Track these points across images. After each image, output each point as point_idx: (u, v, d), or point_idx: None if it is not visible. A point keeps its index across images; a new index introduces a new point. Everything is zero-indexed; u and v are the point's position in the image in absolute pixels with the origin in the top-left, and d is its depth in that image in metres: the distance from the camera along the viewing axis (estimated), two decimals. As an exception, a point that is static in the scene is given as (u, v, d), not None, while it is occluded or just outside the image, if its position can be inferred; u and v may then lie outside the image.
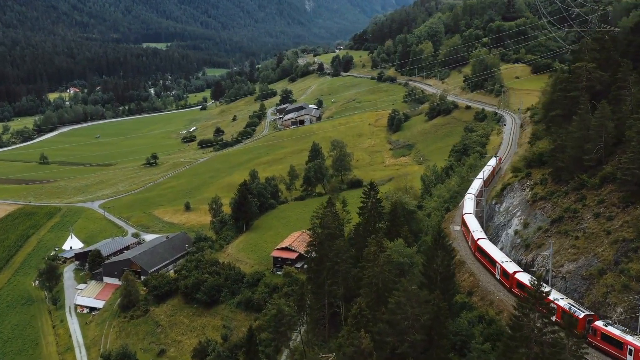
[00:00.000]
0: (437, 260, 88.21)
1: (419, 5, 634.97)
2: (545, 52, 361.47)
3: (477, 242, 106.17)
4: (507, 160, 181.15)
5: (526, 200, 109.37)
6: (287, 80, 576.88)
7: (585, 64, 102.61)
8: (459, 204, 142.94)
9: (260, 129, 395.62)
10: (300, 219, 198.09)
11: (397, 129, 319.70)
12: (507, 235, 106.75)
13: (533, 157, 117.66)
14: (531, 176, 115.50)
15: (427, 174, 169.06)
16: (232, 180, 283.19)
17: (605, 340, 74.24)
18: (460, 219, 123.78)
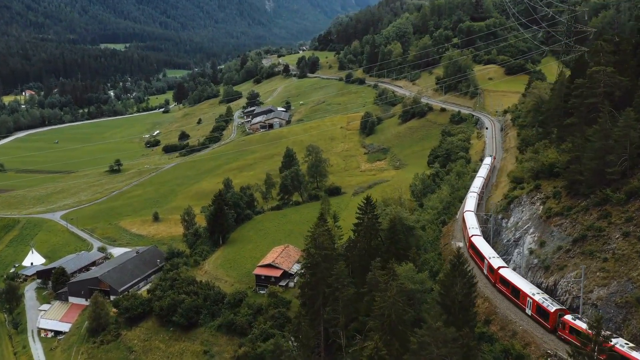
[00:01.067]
0: (455, 289, 79.07)
1: (384, 5, 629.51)
2: (516, 53, 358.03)
3: (470, 239, 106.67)
4: (497, 163, 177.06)
5: (538, 216, 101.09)
6: (252, 82, 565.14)
7: (603, 69, 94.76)
8: (455, 217, 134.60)
9: (227, 133, 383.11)
10: (279, 230, 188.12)
11: (370, 132, 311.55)
12: (521, 254, 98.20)
13: (542, 168, 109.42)
14: (541, 189, 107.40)
15: (416, 182, 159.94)
16: (201, 188, 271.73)
17: (572, 334, 75.79)
18: (461, 216, 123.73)
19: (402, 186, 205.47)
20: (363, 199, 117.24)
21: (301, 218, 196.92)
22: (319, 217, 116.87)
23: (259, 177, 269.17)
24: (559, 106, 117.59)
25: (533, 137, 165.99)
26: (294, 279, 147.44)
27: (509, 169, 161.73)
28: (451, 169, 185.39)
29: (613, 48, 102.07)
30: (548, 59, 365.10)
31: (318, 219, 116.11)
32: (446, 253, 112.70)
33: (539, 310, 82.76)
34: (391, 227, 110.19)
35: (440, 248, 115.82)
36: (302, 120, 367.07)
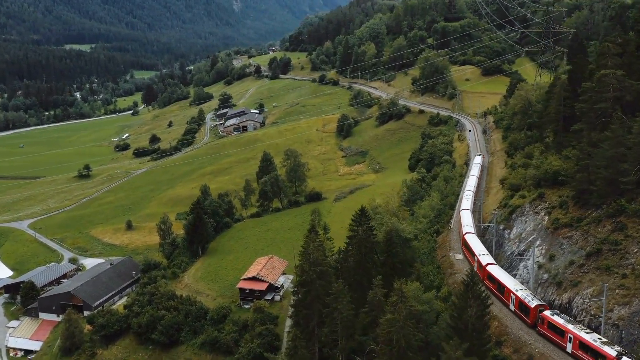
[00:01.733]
0: (469, 311, 73.30)
1: (355, 5, 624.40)
2: (491, 54, 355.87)
3: (464, 237, 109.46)
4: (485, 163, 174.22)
5: (544, 227, 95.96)
6: (223, 83, 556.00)
7: (612, 72, 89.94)
8: (449, 225, 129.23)
9: (200, 136, 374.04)
10: (260, 239, 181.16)
11: (347, 135, 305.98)
12: (527, 268, 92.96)
13: (545, 176, 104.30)
14: (545, 197, 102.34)
15: (404, 190, 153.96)
16: (175, 194, 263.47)
17: (550, 329, 78.07)
18: (457, 214, 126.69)
19: (385, 191, 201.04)
20: (357, 209, 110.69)
21: (282, 225, 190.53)
22: (310, 230, 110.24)
23: (235, 182, 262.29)
24: (558, 110, 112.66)
25: (522, 140, 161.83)
26: (280, 292, 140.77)
27: (499, 173, 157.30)
28: (437, 173, 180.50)
29: (620, 50, 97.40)
30: (522, 59, 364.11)
31: (309, 232, 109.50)
32: (445, 265, 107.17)
33: (521, 306, 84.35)
34: (387, 239, 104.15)
35: (439, 260, 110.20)
36: (277, 123, 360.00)
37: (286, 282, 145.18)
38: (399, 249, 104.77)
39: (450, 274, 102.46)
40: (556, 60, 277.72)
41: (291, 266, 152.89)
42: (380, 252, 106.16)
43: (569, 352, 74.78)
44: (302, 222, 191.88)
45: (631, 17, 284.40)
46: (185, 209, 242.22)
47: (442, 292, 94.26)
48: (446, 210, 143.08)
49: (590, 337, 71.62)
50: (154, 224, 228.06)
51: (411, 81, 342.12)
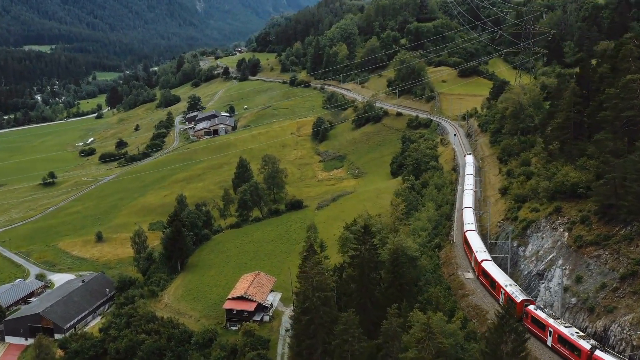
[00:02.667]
0: (504, 348, 65.52)
1: (323, 6, 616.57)
2: (464, 55, 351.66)
3: (465, 234, 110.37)
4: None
5: (566, 245, 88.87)
6: (191, 85, 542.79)
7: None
8: (450, 238, 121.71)
9: (170, 141, 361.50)
10: (242, 251, 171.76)
11: (323, 139, 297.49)
12: (550, 290, 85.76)
13: (562, 188, 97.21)
14: (562, 211, 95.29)
15: (397, 200, 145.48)
16: (147, 202, 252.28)
17: (534, 323, 79.65)
18: (460, 212, 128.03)
19: (368, 197, 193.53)
20: (360, 227, 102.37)
21: (264, 236, 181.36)
22: (308, 249, 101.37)
23: (210, 189, 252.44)
24: (568, 117, 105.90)
25: (516, 146, 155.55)
26: (269, 311, 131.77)
27: (494, 181, 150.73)
28: (426, 180, 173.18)
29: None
30: (496, 60, 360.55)
31: (307, 251, 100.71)
32: (454, 286, 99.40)
33: (509, 301, 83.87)
34: (393, 259, 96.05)
35: (447, 280, 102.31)
36: (249, 126, 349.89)
37: (275, 300, 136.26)
38: (406, 269, 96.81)
39: (462, 296, 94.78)
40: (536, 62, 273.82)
41: (279, 283, 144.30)
42: (385, 273, 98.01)
43: (549, 346, 76.61)
44: (284, 232, 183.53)
45: (605, 18, 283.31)
46: (158, 218, 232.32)
47: (457, 318, 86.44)
48: (443, 221, 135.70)
49: (568, 331, 73.30)
50: (126, 235, 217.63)
51: (386, 83, 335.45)
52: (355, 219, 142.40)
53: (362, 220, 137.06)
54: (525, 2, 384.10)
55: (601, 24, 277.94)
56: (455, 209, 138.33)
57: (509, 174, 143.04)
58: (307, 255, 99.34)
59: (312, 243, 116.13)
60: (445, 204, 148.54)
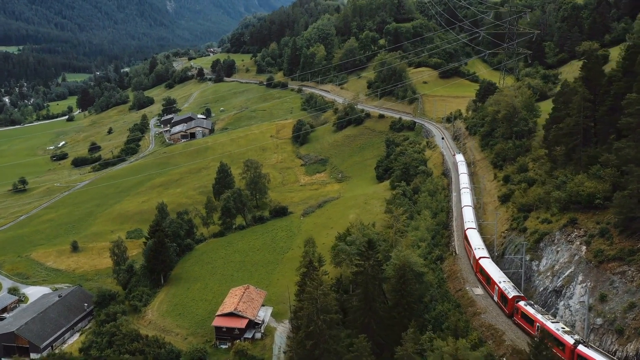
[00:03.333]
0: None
1: (297, 6, 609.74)
2: (443, 55, 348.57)
3: (465, 232, 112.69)
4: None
5: (585, 260, 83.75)
6: (164, 87, 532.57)
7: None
8: (450, 249, 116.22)
9: (145, 144, 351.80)
10: (228, 262, 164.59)
11: (304, 141, 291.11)
12: (571, 309, 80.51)
13: (578, 198, 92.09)
14: (578, 224, 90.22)
15: (399, 210, 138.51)
16: (123, 209, 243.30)
17: (523, 318, 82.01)
18: (459, 210, 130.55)
19: (356, 204, 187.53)
20: (364, 242, 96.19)
21: (249, 246, 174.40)
22: (308, 265, 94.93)
23: (189, 195, 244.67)
24: (578, 123, 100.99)
25: (511, 151, 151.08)
26: (260, 327, 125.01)
27: (489, 187, 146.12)
28: (417, 186, 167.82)
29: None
30: (475, 61, 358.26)
31: (307, 267, 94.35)
32: (464, 303, 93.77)
33: (502, 297, 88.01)
34: (400, 276, 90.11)
35: (454, 296, 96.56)
36: (227, 129, 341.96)
37: (266, 316, 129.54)
38: (412, 286, 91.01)
39: (474, 315, 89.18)
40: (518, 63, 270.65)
41: (270, 296, 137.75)
42: (391, 291, 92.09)
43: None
44: (270, 240, 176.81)
45: (585, 18, 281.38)
46: (136, 226, 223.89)
47: (471, 339, 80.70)
48: (440, 230, 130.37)
49: (554, 327, 75.34)
50: (103, 244, 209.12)
51: (367, 84, 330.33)
52: (349, 229, 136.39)
53: (356, 230, 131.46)
54: (503, 2, 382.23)
55: (582, 24, 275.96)
56: (453, 217, 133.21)
57: (506, 180, 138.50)
58: (306, 272, 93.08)
59: (311, 259, 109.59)
60: (441, 211, 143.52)
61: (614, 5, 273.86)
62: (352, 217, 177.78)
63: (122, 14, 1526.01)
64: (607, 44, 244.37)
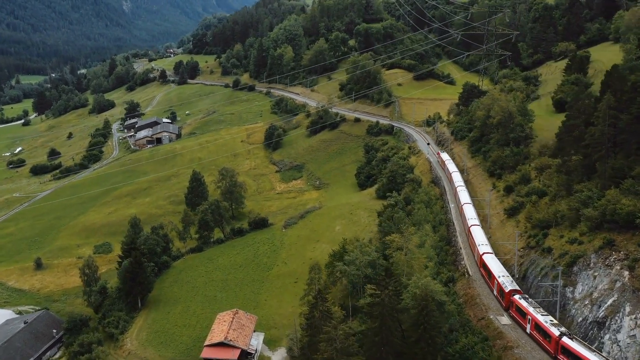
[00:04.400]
0: None
1: (261, 6, 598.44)
2: (414, 57, 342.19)
3: (469, 229, 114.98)
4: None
5: (629, 287, 75.65)
6: (125, 90, 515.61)
7: None
8: (461, 268, 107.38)
9: (109, 150, 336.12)
10: (209, 281, 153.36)
11: (277, 146, 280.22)
12: (620, 344, 72.19)
13: (613, 217, 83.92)
14: (616, 245, 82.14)
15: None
16: (89, 221, 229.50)
17: (517, 312, 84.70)
18: (459, 206, 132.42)
19: (340, 214, 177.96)
20: (382, 271, 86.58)
21: (231, 262, 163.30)
22: (316, 296, 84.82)
23: (159, 205, 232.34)
24: (603, 133, 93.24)
25: (509, 158, 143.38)
26: (253, 357, 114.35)
27: (488, 198, 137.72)
28: (409, 196, 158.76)
29: None
30: (445, 62, 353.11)
31: (315, 298, 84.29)
32: (491, 334, 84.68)
33: (500, 291, 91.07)
34: (422, 307, 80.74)
35: (477, 326, 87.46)
36: (194, 134, 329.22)
37: (259, 344, 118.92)
38: (435, 318, 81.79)
39: (504, 349, 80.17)
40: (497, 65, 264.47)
41: (259, 320, 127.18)
42: (411, 324, 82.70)
43: (528, 333, 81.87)
44: (252, 256, 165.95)
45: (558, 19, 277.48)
46: (103, 239, 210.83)
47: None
48: (443, 246, 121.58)
49: (543, 319, 78.22)
50: (69, 260, 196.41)
51: (339, 87, 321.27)
52: (344, 246, 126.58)
53: (353, 247, 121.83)
54: (473, 3, 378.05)
55: (555, 25, 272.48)
56: (456, 231, 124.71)
57: (508, 191, 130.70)
58: (315, 304, 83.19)
59: (319, 289, 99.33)
60: (439, 224, 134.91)
61: (586, 6, 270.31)
62: (338, 229, 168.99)
63: (77, 14, 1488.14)
64: (583, 45, 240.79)
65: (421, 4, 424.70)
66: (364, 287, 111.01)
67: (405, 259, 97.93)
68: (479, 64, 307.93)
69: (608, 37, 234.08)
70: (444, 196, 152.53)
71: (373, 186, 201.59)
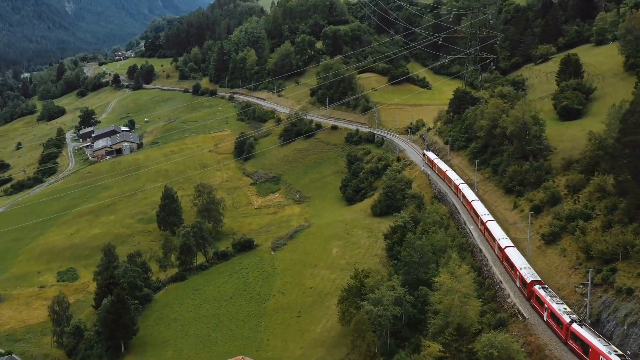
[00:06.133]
0: None
1: (217, 7, 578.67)
2: (383, 59, 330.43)
3: (485, 224, 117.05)
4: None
5: None
6: (76, 95, 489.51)
7: None
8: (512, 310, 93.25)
9: (64, 162, 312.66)
10: (199, 317, 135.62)
11: (249, 156, 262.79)
12: None
13: None
14: None
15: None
16: (48, 244, 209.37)
17: (537, 301, 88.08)
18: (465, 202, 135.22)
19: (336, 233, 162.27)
20: (452, 327, 71.70)
21: (220, 293, 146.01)
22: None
23: (126, 224, 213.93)
24: None
25: (530, 174, 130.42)
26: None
27: (512, 218, 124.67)
28: (416, 216, 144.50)
29: None
30: (413, 64, 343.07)
31: None
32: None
33: (522, 282, 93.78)
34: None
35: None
36: (157, 143, 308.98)
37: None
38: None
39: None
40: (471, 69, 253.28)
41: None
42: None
43: (545, 321, 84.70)
44: (242, 285, 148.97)
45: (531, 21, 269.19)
46: (67, 265, 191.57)
47: None
48: (476, 278, 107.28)
49: (557, 307, 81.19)
50: (30, 290, 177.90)
51: (309, 92, 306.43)
52: (361, 278, 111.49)
53: (374, 280, 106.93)
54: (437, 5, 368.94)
55: (531, 27, 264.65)
56: (486, 258, 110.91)
57: (537, 210, 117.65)
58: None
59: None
60: (461, 249, 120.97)
61: (560, 7, 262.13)
62: (336, 252, 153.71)
63: (18, 15, 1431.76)
64: (562, 47, 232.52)
65: (385, 4, 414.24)
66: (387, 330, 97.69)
67: (460, 304, 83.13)
68: (449, 67, 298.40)
69: (589, 39, 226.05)
70: (456, 215, 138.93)
71: (363, 201, 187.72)
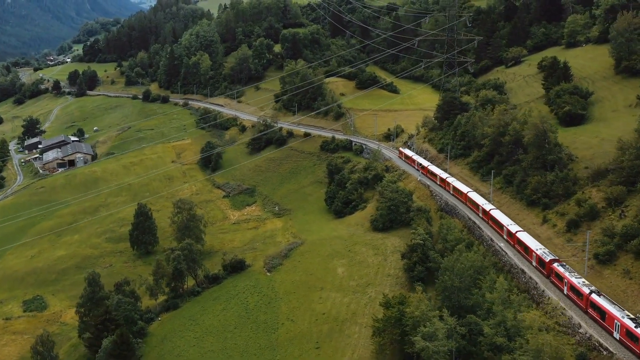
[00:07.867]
0: None
1: (159, 10, 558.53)
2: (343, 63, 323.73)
3: (489, 212, 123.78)
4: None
5: None
6: (13, 103, 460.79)
7: None
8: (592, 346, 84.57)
9: (11, 176, 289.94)
10: (205, 352, 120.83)
11: (216, 167, 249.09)
12: None
13: None
14: None
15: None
16: (8, 269, 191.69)
17: (556, 277, 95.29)
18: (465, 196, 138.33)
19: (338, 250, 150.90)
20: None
21: (221, 322, 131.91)
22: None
23: (93, 244, 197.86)
24: None
25: (555, 185, 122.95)
26: None
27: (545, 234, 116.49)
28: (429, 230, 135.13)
29: None
30: (372, 67, 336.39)
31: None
32: None
33: (540, 261, 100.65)
34: None
35: None
36: (113, 154, 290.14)
37: None
38: None
39: None
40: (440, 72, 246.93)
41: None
42: None
43: (565, 295, 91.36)
44: (243, 311, 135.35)
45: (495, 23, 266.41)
46: (32, 292, 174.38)
47: None
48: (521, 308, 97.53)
49: (577, 281, 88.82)
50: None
51: (274, 98, 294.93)
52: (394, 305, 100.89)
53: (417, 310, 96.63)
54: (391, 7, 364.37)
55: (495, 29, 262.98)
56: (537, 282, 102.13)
57: (575, 225, 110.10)
58: None
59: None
60: (497, 270, 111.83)
61: (524, 10, 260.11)
62: (341, 272, 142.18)
63: None
64: (531, 50, 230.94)
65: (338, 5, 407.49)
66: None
67: (555, 344, 73.43)
68: (410, 69, 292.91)
69: (557, 41, 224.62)
70: (476, 231, 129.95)
71: (354, 214, 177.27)
